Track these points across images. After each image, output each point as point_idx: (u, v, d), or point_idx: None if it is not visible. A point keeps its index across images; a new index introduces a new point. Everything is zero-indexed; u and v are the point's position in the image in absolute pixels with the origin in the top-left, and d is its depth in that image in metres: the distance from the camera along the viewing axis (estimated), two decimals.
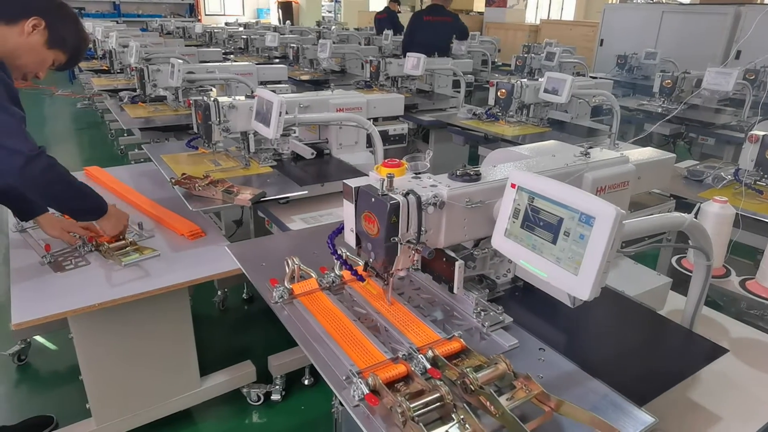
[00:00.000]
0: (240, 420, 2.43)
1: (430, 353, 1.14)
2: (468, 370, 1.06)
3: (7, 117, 1.65)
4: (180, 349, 2.23)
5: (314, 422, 2.44)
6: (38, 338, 2.89)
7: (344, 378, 1.12)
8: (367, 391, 1.06)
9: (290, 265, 1.47)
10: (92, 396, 2.08)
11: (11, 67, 1.77)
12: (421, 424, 0.97)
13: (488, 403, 1.02)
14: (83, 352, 2.00)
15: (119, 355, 2.07)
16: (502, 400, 1.02)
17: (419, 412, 0.99)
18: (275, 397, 2.52)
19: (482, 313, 1.34)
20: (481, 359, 1.14)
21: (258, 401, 2.50)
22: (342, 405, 1.12)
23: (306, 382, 2.62)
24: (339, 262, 1.49)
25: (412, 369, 1.11)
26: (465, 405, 1.01)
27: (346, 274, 1.51)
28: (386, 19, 9.45)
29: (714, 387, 1.33)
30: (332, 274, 1.51)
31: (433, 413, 1.01)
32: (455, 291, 1.30)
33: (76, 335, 1.97)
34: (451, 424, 0.99)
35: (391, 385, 1.08)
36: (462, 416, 0.99)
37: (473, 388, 1.04)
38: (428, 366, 1.11)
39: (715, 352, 1.28)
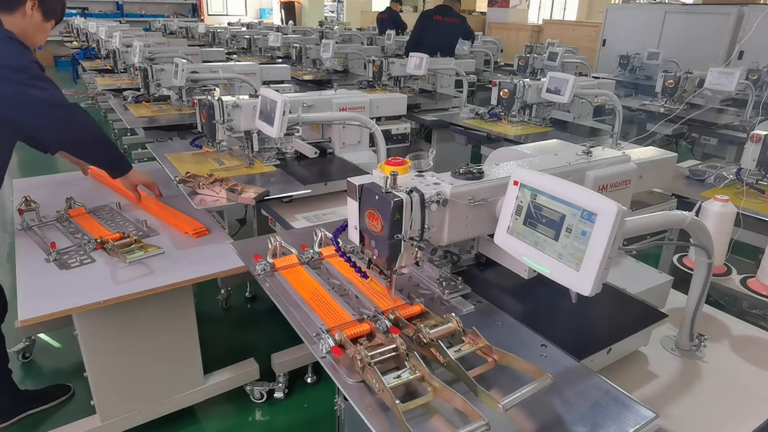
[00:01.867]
0: (243, 417, 2.45)
1: (392, 315, 1.26)
2: (422, 326, 1.18)
3: (48, 81, 1.99)
4: (184, 346, 2.24)
5: (317, 420, 2.46)
6: (42, 336, 2.91)
7: (314, 335, 1.25)
8: (333, 344, 1.17)
9: (273, 242, 1.60)
10: (97, 393, 2.10)
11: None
12: (376, 368, 1.07)
13: (438, 354, 1.13)
14: (88, 349, 2.02)
15: (124, 352, 2.09)
16: (451, 351, 1.13)
17: (376, 359, 1.10)
18: (278, 394, 2.53)
19: (444, 283, 1.46)
20: (437, 319, 1.25)
21: (261, 399, 2.51)
22: (346, 400, 1.14)
23: (309, 380, 2.64)
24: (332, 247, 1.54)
25: (375, 326, 1.23)
26: (416, 354, 1.12)
27: (324, 250, 1.62)
28: (388, 20, 9.46)
29: (715, 384, 1.34)
30: (311, 251, 1.61)
31: (390, 362, 1.14)
32: (419, 264, 1.40)
33: (81, 332, 1.98)
34: (403, 370, 1.11)
35: (355, 340, 1.19)
36: (413, 363, 1.11)
37: (425, 341, 1.16)
38: (390, 325, 1.23)
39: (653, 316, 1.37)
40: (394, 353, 1.13)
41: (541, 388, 1.04)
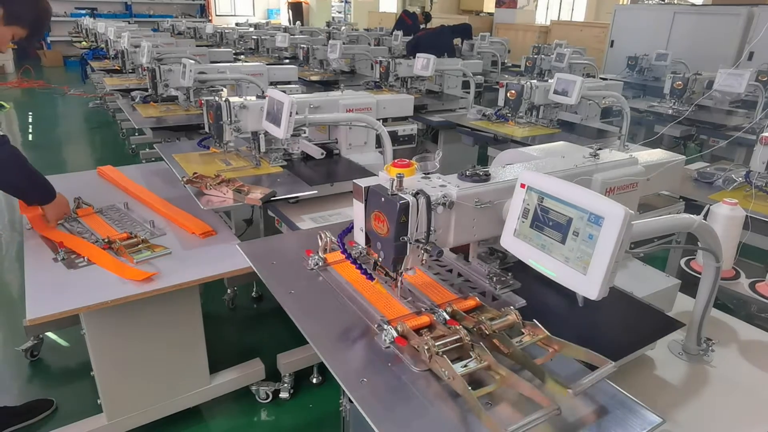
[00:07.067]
0: (249, 417, 2.45)
1: (449, 308, 1.27)
2: (483, 318, 1.21)
3: None
4: (190, 346, 2.25)
5: (322, 420, 2.46)
6: (50, 335, 2.92)
7: (375, 326, 1.28)
8: (396, 335, 1.20)
9: (323, 237, 1.64)
10: (103, 392, 2.11)
11: None
12: (445, 356, 1.10)
13: (501, 345, 1.16)
14: (95, 348, 2.02)
15: (130, 351, 2.09)
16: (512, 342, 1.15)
17: (442, 350, 1.12)
18: (284, 395, 2.53)
19: (494, 279, 1.47)
20: (494, 312, 1.27)
21: (267, 399, 2.51)
22: (351, 402, 1.15)
23: (314, 380, 2.64)
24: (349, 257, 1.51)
25: (435, 318, 1.25)
26: (481, 344, 1.14)
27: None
28: (407, 24, 9.39)
29: (723, 390, 1.33)
30: (360, 247, 1.58)
31: (453, 353, 1.15)
32: (470, 260, 1.49)
33: (89, 332, 1.99)
34: (469, 360, 1.14)
35: (416, 332, 1.21)
36: (478, 353, 1.14)
37: (488, 333, 1.19)
38: (448, 318, 1.24)
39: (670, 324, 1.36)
40: (458, 344, 1.15)
41: (606, 374, 1.07)
